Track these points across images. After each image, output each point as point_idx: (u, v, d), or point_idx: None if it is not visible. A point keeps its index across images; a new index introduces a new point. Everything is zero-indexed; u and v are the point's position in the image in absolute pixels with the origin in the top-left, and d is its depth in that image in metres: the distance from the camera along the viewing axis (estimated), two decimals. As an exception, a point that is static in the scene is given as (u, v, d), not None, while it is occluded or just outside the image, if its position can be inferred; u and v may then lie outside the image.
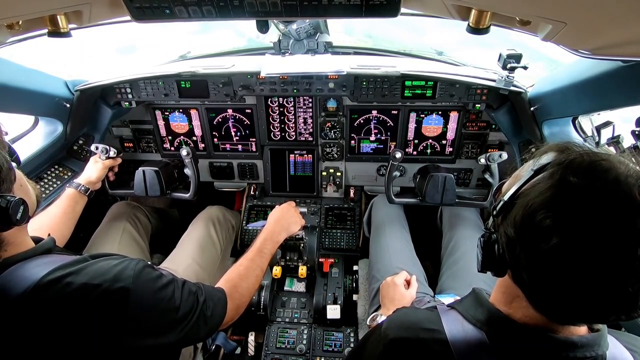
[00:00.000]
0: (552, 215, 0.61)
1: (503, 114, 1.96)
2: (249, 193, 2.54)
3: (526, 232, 0.66)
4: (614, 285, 0.59)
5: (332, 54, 1.95)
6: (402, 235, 2.06)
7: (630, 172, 0.60)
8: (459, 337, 0.79)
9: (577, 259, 0.60)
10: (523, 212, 0.66)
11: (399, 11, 0.94)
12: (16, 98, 1.68)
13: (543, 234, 0.62)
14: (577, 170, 0.62)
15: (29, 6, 0.88)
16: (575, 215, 0.60)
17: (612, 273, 0.59)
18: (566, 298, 0.64)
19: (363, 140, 2.33)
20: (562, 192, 0.62)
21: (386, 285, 1.62)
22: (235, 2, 0.92)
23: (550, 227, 0.61)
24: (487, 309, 0.81)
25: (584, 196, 0.60)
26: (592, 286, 0.60)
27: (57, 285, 0.89)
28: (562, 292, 0.64)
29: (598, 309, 0.64)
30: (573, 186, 0.61)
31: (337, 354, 1.88)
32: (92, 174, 1.90)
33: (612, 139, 1.32)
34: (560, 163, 0.65)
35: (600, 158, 0.63)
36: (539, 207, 0.63)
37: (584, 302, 0.63)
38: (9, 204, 0.85)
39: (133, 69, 2.12)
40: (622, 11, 0.73)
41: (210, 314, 1.14)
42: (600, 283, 0.60)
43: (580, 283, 0.61)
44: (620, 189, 0.59)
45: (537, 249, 0.63)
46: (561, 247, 0.60)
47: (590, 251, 0.59)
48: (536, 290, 0.69)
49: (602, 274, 0.59)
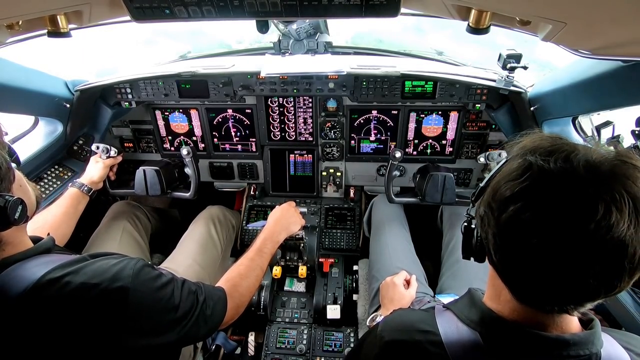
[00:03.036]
0: (511, 186, 0.67)
1: (503, 114, 1.96)
2: (249, 193, 2.54)
3: (492, 205, 0.71)
4: (562, 252, 0.62)
5: (332, 54, 1.95)
6: (403, 235, 2.06)
7: (593, 154, 0.64)
8: (453, 338, 0.79)
9: (530, 224, 0.63)
10: (491, 189, 0.72)
11: (399, 11, 0.94)
12: (16, 98, 1.68)
13: (504, 203, 0.67)
14: (536, 152, 0.68)
15: (29, 6, 0.88)
16: (529, 186, 0.65)
17: (558, 238, 0.61)
18: (532, 276, 0.67)
19: (363, 140, 2.33)
20: (521, 167, 0.67)
21: (386, 285, 1.62)
22: (235, 2, 0.92)
23: (509, 196, 0.66)
24: (480, 309, 0.81)
25: (537, 171, 0.65)
26: (554, 262, 0.63)
27: (56, 285, 0.89)
28: (527, 268, 0.67)
29: (568, 289, 0.65)
30: (530, 163, 0.66)
31: (337, 354, 1.88)
32: (94, 174, 1.90)
33: (612, 139, 1.32)
34: (525, 147, 0.71)
35: (562, 143, 0.68)
36: (503, 181, 0.69)
37: (550, 282, 0.65)
38: (7, 203, 0.85)
39: (133, 69, 2.12)
40: (622, 11, 0.73)
41: (210, 313, 1.14)
42: (552, 249, 0.62)
43: (540, 258, 0.64)
44: (569, 167, 0.63)
45: (499, 219, 0.68)
46: (518, 214, 0.65)
47: (540, 217, 0.63)
48: (506, 270, 0.72)
49: (551, 240, 0.62)
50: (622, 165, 0.63)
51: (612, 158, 0.64)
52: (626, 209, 0.59)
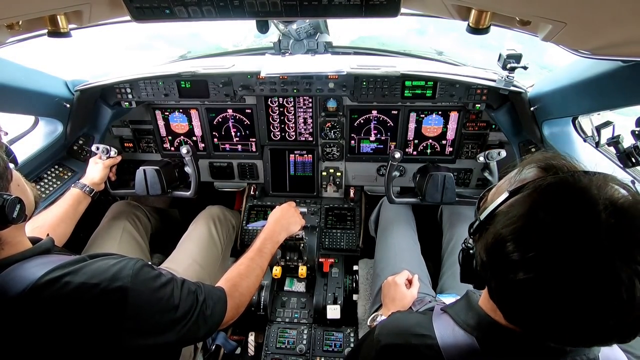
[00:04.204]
0: (519, 250, 0.61)
1: (503, 114, 1.96)
2: (249, 193, 2.54)
3: (496, 261, 0.66)
4: (588, 319, 0.58)
5: (332, 54, 1.95)
6: (410, 236, 2.06)
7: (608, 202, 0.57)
8: (449, 342, 0.79)
9: (544, 295, 0.59)
10: (493, 239, 0.66)
11: (399, 11, 0.94)
12: (16, 98, 1.68)
13: (511, 267, 0.62)
14: (547, 200, 0.61)
15: (29, 6, 0.88)
16: (542, 253, 0.59)
17: (584, 310, 0.57)
18: (539, 327, 0.64)
19: (363, 140, 2.33)
20: (530, 227, 0.61)
21: (387, 284, 1.62)
22: (235, 2, 0.92)
23: (518, 261, 0.61)
24: (477, 313, 0.81)
25: (549, 234, 0.58)
26: (565, 319, 0.60)
27: (55, 285, 0.89)
28: (535, 321, 0.64)
29: (575, 338, 0.63)
30: (539, 221, 0.60)
31: (337, 354, 1.88)
32: (95, 175, 1.91)
33: (612, 139, 1.31)
34: (536, 188, 0.64)
35: (576, 184, 0.60)
36: (507, 238, 0.63)
37: (557, 332, 0.63)
38: (5, 202, 0.85)
39: (133, 69, 2.12)
40: (622, 11, 0.73)
41: (210, 313, 1.14)
42: (565, 317, 0.59)
43: (551, 317, 0.61)
44: (589, 229, 0.56)
45: (505, 278, 0.64)
46: (529, 283, 0.60)
47: (556, 292, 0.58)
48: (510, 314, 0.70)
49: (567, 311, 0.58)
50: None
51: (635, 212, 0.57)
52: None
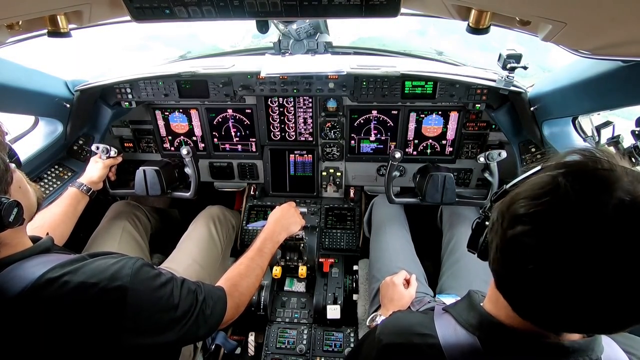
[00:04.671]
0: (526, 205, 0.61)
1: (503, 114, 1.96)
2: (249, 193, 2.54)
3: (504, 215, 0.66)
4: (597, 298, 0.55)
5: (332, 54, 1.94)
6: (403, 235, 2.06)
7: (628, 189, 0.55)
8: (451, 342, 0.79)
9: (532, 257, 0.59)
10: (510, 198, 0.66)
11: (399, 11, 0.94)
12: (16, 98, 1.68)
13: (513, 220, 0.62)
14: (570, 173, 0.59)
15: (29, 6, 0.88)
16: (543, 212, 0.59)
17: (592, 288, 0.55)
18: (531, 300, 0.62)
19: (363, 140, 2.33)
20: (544, 188, 0.60)
21: (385, 285, 1.62)
22: (235, 2, 0.92)
23: (521, 215, 0.61)
24: (479, 313, 0.80)
25: (559, 196, 0.57)
26: (565, 295, 0.57)
27: (54, 284, 0.89)
28: (524, 291, 0.63)
29: (585, 321, 0.60)
30: (556, 185, 0.59)
31: (337, 354, 1.88)
32: (94, 174, 1.91)
33: (612, 139, 1.31)
34: (567, 164, 0.62)
35: (607, 168, 0.58)
36: (522, 195, 0.63)
37: (559, 312, 0.60)
38: (1, 206, 0.85)
39: (133, 69, 2.12)
40: (622, 11, 0.73)
41: (209, 313, 1.14)
42: (578, 294, 0.56)
43: (538, 286, 0.59)
44: (598, 203, 0.54)
45: (505, 234, 0.64)
46: (523, 237, 0.60)
47: (549, 256, 0.56)
48: (503, 285, 0.69)
49: (580, 286, 0.55)
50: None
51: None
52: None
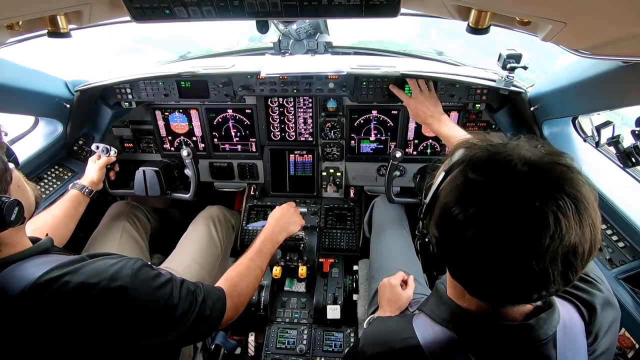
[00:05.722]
0: (462, 210, 0.68)
1: (503, 114, 1.96)
2: (249, 193, 2.54)
3: (446, 229, 0.73)
4: (521, 265, 0.65)
5: (332, 54, 1.94)
6: (403, 236, 2.05)
7: (521, 158, 0.67)
8: (430, 339, 0.83)
9: (488, 246, 0.67)
10: (440, 210, 0.74)
11: (399, 11, 0.94)
12: (16, 98, 1.68)
13: (459, 228, 0.69)
14: (476, 166, 0.70)
15: (29, 6, 0.88)
16: (479, 207, 0.67)
17: (517, 255, 0.65)
18: (492, 283, 0.71)
19: (363, 140, 2.33)
20: (466, 189, 0.70)
21: (383, 286, 1.61)
22: (235, 3, 0.92)
23: (463, 221, 0.68)
24: (448, 306, 0.85)
25: (483, 189, 0.67)
26: (505, 268, 0.67)
27: (54, 285, 0.89)
28: (487, 277, 0.70)
29: (519, 288, 0.70)
30: (473, 182, 0.69)
31: (337, 354, 1.88)
32: (94, 175, 1.90)
33: (612, 139, 1.32)
34: (463, 161, 0.73)
35: (496, 150, 0.71)
36: (451, 204, 0.71)
37: (505, 284, 0.70)
38: (2, 205, 0.85)
39: (133, 69, 2.12)
40: (622, 11, 0.73)
41: (209, 313, 1.14)
42: (510, 264, 0.66)
43: (495, 267, 0.68)
44: (511, 178, 0.66)
45: (457, 244, 0.71)
46: (475, 239, 0.67)
47: (497, 238, 0.66)
48: (468, 281, 0.76)
49: (510, 257, 0.66)
50: (557, 167, 0.66)
51: (548, 161, 0.67)
52: (570, 213, 0.63)
